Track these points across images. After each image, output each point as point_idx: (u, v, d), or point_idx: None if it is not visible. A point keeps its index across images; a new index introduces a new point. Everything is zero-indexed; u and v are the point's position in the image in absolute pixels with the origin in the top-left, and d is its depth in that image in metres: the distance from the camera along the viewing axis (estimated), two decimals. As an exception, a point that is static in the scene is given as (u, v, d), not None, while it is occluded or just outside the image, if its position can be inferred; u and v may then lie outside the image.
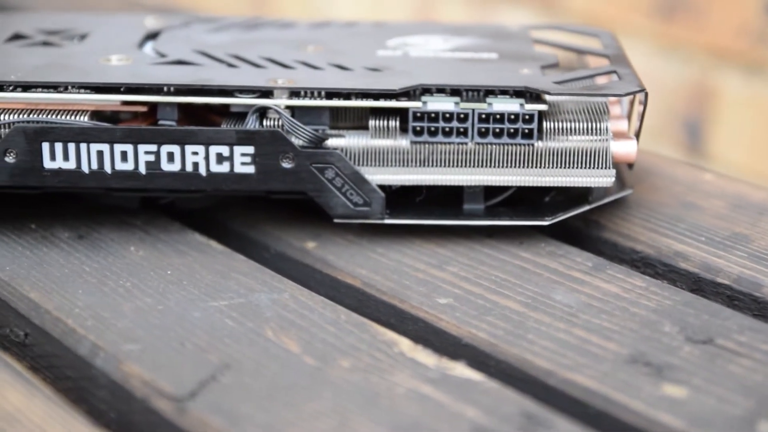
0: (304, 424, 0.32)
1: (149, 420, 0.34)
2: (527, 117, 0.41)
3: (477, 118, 0.41)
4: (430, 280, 0.40)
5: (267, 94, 0.42)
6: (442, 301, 0.39)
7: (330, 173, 0.41)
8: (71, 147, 0.41)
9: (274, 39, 0.48)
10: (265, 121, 0.42)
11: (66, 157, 0.41)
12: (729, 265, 0.41)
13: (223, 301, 0.38)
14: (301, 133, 0.41)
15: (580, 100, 0.43)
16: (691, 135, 0.96)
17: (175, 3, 0.85)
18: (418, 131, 0.41)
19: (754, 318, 0.38)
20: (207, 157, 0.41)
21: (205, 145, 0.41)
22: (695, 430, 0.32)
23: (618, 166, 0.44)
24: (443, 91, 0.42)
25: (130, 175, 0.41)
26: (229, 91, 0.42)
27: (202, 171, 0.41)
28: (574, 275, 0.40)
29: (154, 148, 0.41)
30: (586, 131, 0.42)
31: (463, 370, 0.35)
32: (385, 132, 0.42)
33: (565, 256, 0.42)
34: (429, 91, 0.42)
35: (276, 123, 0.42)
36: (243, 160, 0.41)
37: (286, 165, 0.41)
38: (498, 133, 0.41)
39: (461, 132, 0.41)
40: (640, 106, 0.43)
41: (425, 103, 0.41)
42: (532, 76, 0.43)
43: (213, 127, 0.41)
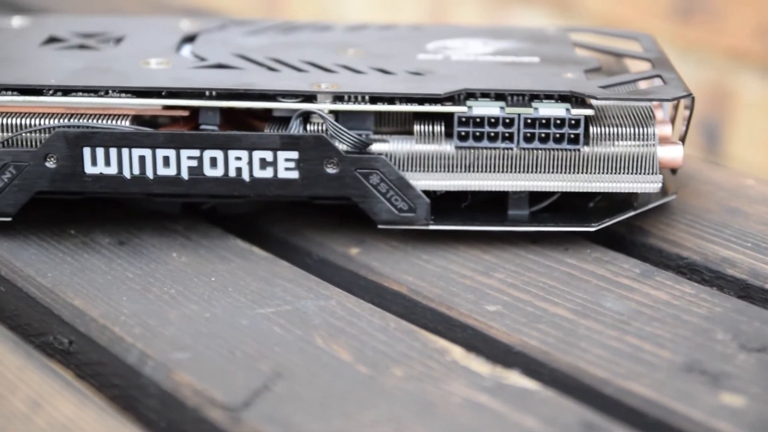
0: (362, 434, 0.32)
1: (201, 429, 0.33)
2: (573, 122, 0.41)
3: (523, 123, 0.41)
4: (477, 287, 0.40)
5: (310, 98, 0.41)
6: (491, 308, 0.38)
7: (375, 179, 0.41)
8: (113, 152, 0.41)
9: (312, 42, 0.48)
10: (309, 126, 0.41)
11: (107, 162, 0.41)
12: (777, 271, 0.41)
13: (269, 308, 0.38)
14: (345, 138, 0.41)
15: (625, 104, 0.42)
16: (708, 136, 0.96)
17: (189, 3, 0.85)
18: (463, 136, 0.41)
19: (807, 325, 0.38)
20: (250, 163, 0.41)
21: (249, 150, 0.40)
22: (758, 441, 0.32)
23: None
24: (487, 95, 0.42)
25: (172, 181, 0.41)
26: (270, 96, 0.42)
27: (246, 176, 0.41)
28: (623, 282, 0.40)
29: (197, 153, 0.41)
30: (633, 136, 0.41)
31: (518, 379, 0.34)
32: (429, 137, 0.41)
33: (611, 262, 0.41)
34: (473, 95, 0.42)
35: (320, 128, 0.41)
36: (287, 166, 0.41)
37: (331, 170, 0.41)
38: (544, 138, 0.41)
39: (507, 137, 0.41)
40: (686, 110, 0.43)
41: (471, 108, 0.41)
42: (576, 81, 0.42)
43: (257, 132, 0.41)
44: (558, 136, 0.41)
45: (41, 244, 0.42)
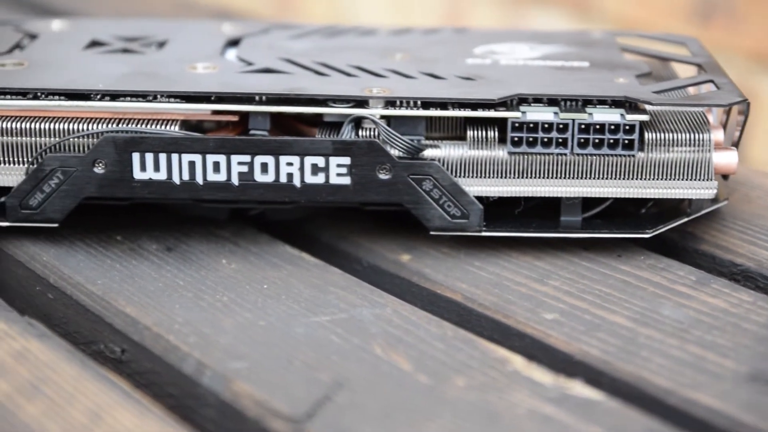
0: (429, 446, 0.31)
1: (263, 441, 0.33)
2: (628, 127, 0.40)
3: (577, 129, 0.40)
4: (532, 295, 0.39)
5: (361, 103, 0.41)
6: (548, 316, 0.38)
7: (428, 185, 0.40)
8: (162, 157, 0.40)
9: (358, 46, 0.47)
10: (360, 131, 0.41)
11: (156, 168, 0.40)
12: (834, 278, 0.40)
13: (325, 316, 0.38)
14: (398, 144, 0.40)
15: (679, 109, 0.42)
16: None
17: (213, 3, 0.84)
18: (517, 142, 0.40)
19: None
20: (302, 168, 0.40)
21: (301, 155, 0.40)
22: (832, 453, 0.31)
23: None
24: (540, 100, 0.41)
25: (222, 186, 0.40)
26: (321, 101, 0.41)
27: (297, 182, 0.40)
28: (679, 289, 0.39)
29: (247, 158, 0.40)
30: (689, 142, 0.41)
31: (581, 389, 0.34)
32: (483, 143, 0.41)
33: (666, 269, 0.41)
34: (526, 100, 0.41)
35: (371, 133, 0.41)
36: (339, 171, 0.40)
37: (383, 176, 0.40)
38: (598, 144, 0.40)
39: (560, 143, 0.40)
40: (740, 116, 0.42)
41: (524, 114, 0.40)
42: (629, 86, 0.42)
43: (308, 138, 0.40)
44: (612, 141, 0.40)
45: (88, 251, 0.42)
